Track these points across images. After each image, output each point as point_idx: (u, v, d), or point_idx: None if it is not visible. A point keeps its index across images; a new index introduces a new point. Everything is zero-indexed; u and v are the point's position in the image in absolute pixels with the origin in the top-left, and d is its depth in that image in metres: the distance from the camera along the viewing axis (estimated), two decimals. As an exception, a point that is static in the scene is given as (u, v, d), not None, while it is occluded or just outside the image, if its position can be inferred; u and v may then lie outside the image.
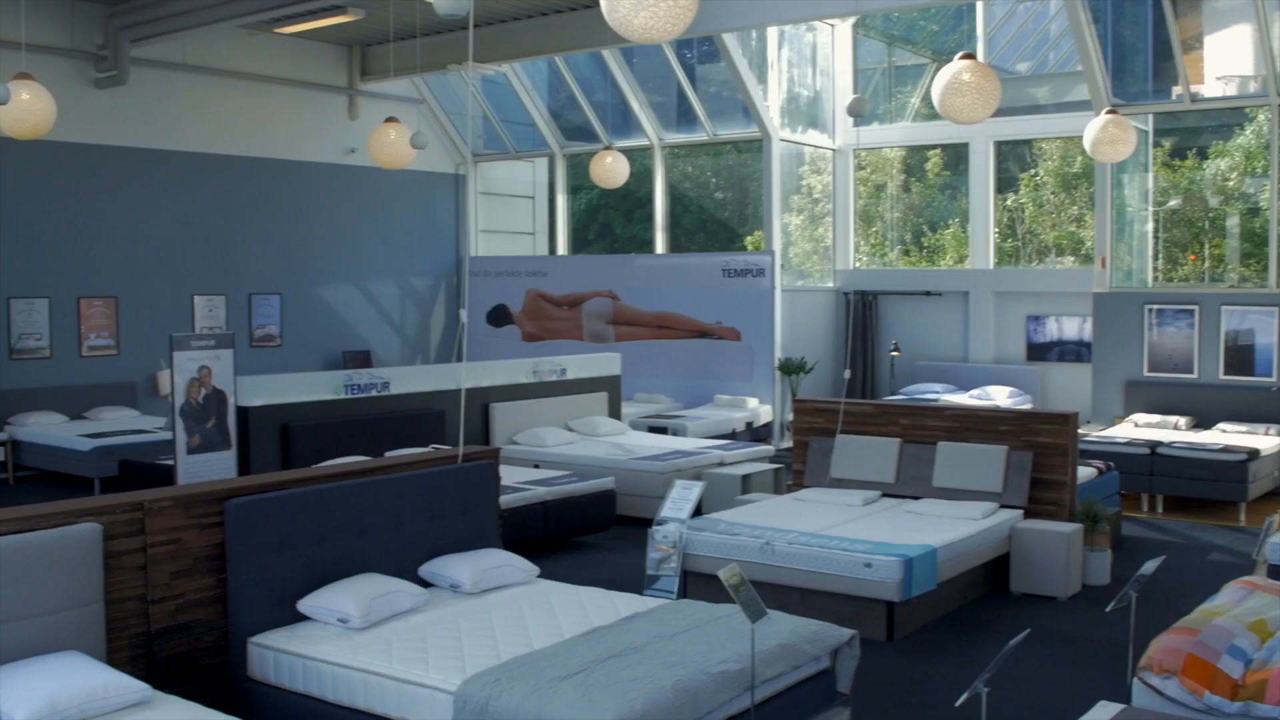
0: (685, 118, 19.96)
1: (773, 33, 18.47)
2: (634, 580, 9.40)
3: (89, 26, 16.51)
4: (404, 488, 7.22)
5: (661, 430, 15.31)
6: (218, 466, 10.39)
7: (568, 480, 11.52)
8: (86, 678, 5.19)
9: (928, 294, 18.88)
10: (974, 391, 17.39)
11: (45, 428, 15.41)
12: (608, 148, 17.76)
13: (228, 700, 6.22)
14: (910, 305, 19.10)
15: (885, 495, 10.47)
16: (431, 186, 21.34)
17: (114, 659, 5.80)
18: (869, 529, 9.13)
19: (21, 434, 15.36)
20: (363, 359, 19.57)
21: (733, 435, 16.01)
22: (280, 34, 18.22)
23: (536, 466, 12.55)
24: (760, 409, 17.20)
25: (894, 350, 18.26)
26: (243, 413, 10.91)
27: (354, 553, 6.86)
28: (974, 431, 10.41)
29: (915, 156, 20.12)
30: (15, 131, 11.85)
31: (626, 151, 18.71)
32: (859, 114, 10.94)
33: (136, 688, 5.27)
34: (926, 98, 19.22)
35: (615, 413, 14.89)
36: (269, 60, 18.66)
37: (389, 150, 14.28)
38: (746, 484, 12.18)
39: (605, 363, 15.12)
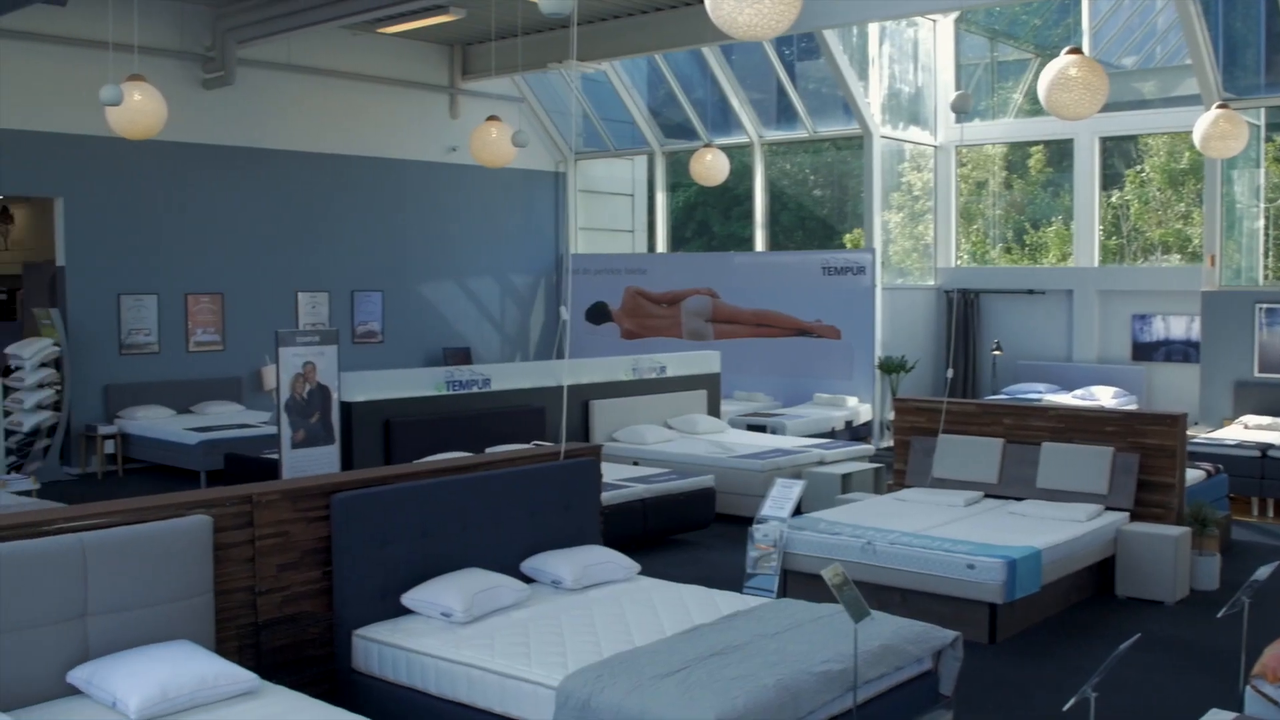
0: (784, 115, 19.88)
1: (874, 28, 18.33)
2: (733, 578, 9.38)
3: (198, 29, 16.82)
4: (506, 484, 7.27)
5: (760, 428, 15.27)
6: (321, 461, 10.52)
7: (667, 478, 11.52)
8: (197, 666, 5.28)
9: (1030, 292, 18.63)
10: (1077, 392, 17.13)
11: (153, 421, 15.73)
12: (708, 145, 17.73)
13: (332, 691, 6.30)
14: (1012, 304, 18.86)
15: (988, 496, 10.34)
16: (532, 184, 21.46)
17: (223, 649, 5.90)
18: (971, 530, 9.03)
19: (131, 427, 15.70)
20: (463, 356, 19.73)
21: (832, 434, 15.93)
22: (383, 34, 18.43)
23: (636, 464, 12.57)
24: (860, 408, 17.10)
25: (996, 349, 18.04)
26: (346, 408, 11.04)
27: (456, 547, 6.92)
28: (1079, 432, 10.25)
29: (1017, 153, 19.86)
30: (127, 132, 12.08)
31: (726, 149, 18.66)
32: (963, 110, 10.86)
33: (245, 677, 5.35)
34: (1029, 93, 18.97)
35: (715, 410, 14.87)
36: (371, 60, 18.87)
37: (491, 149, 14.36)
38: (846, 483, 12.10)
39: (705, 360, 15.10)
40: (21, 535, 5.32)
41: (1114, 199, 18.74)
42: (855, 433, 16.62)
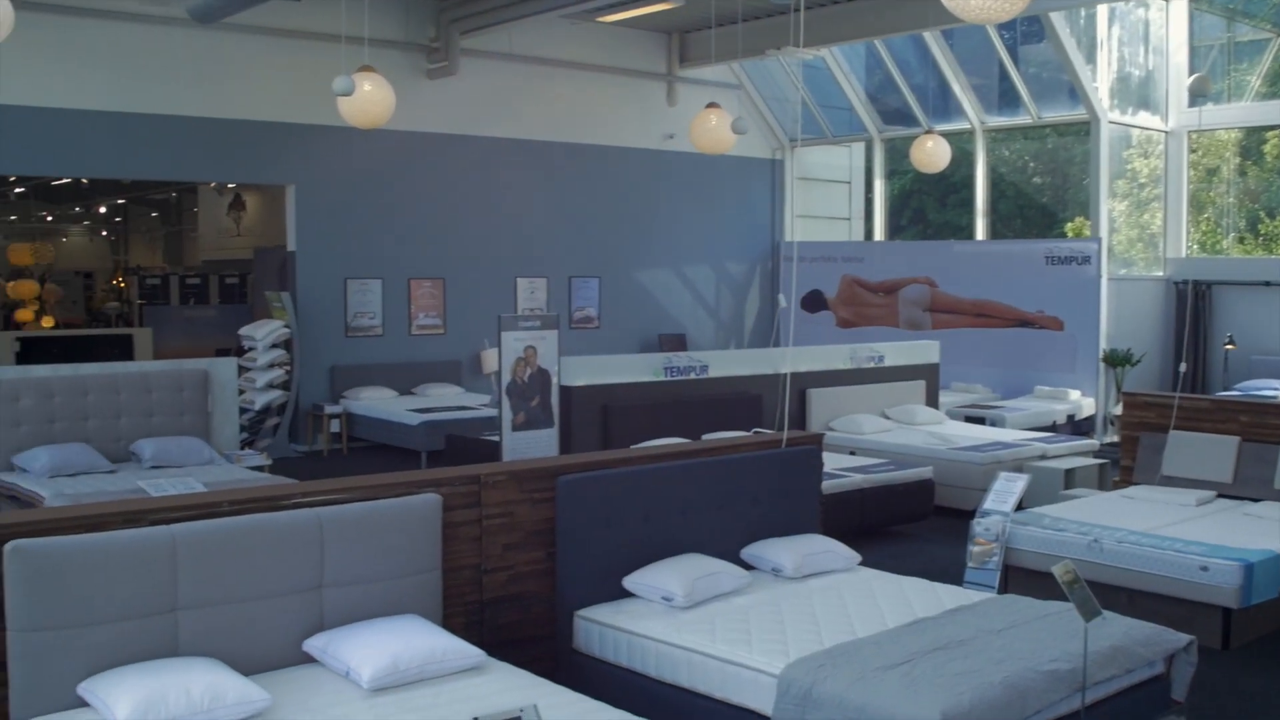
0: (1006, 100, 19.40)
1: (1102, 10, 17.73)
2: (951, 572, 9.20)
3: (422, 20, 17.22)
4: (727, 470, 7.25)
5: (979, 420, 14.96)
6: (541, 443, 10.68)
7: (885, 468, 11.38)
8: (426, 640, 5.40)
9: (1267, 284, 17.82)
10: (1317, 389, 16.34)
11: (376, 402, 16.19)
12: (928, 131, 17.42)
13: (552, 670, 6.36)
14: (1246, 296, 18.05)
15: (1221, 496, 9.91)
16: (748, 172, 21.41)
17: (449, 624, 6.02)
18: (1204, 530, 8.67)
19: (355, 407, 16.20)
20: (678, 342, 19.81)
21: (1053, 428, 15.51)
22: (601, 22, 18.58)
23: (852, 453, 12.44)
24: (1083, 402, 16.61)
25: (1228, 343, 17.31)
26: (565, 392, 11.17)
27: (677, 532, 6.93)
28: (1323, 431, 9.77)
29: (1252, 138, 19.01)
30: (357, 121, 12.43)
31: (946, 135, 18.30)
32: (1202, 94, 10.44)
33: (473, 653, 5.46)
34: (1268, 75, 18.13)
35: (933, 401, 14.62)
36: (590, 49, 19.04)
37: (710, 136, 14.37)
38: (1069, 479, 11.76)
39: (924, 350, 14.86)
40: (262, 508, 5.52)
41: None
42: (1078, 427, 16.14)
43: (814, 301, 20.11)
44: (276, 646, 5.43)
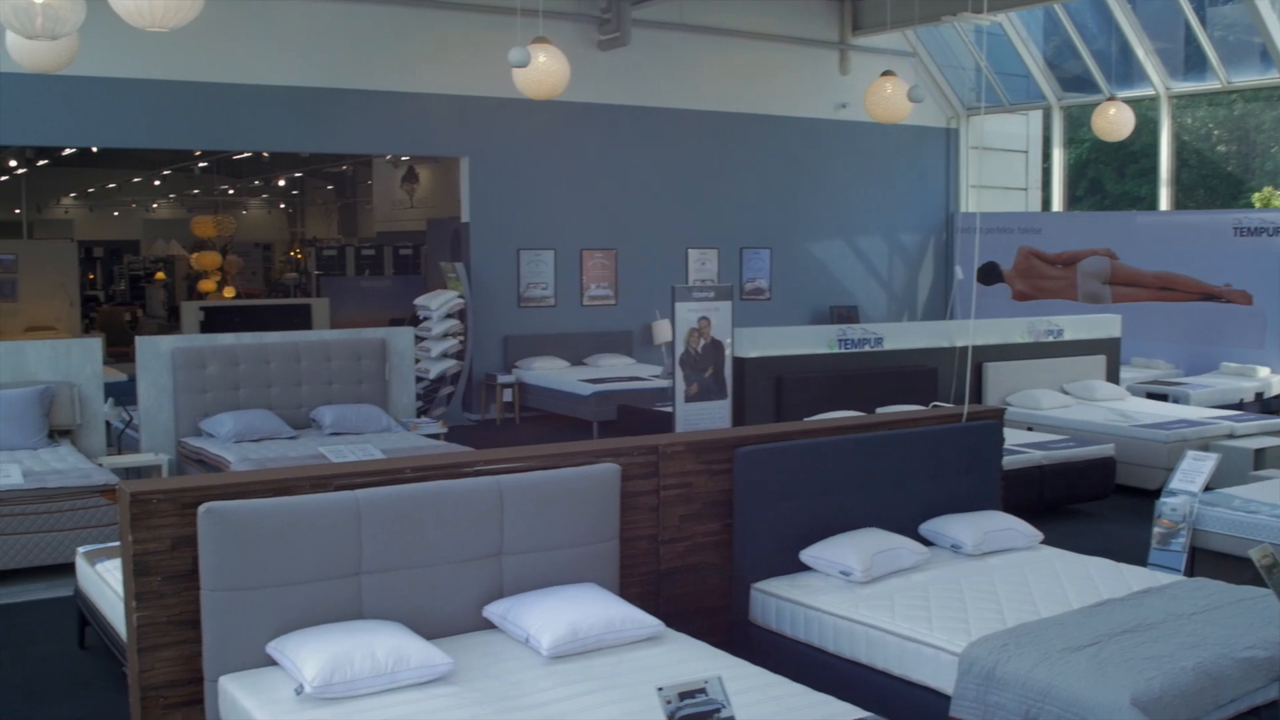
0: (1191, 64, 18.71)
1: (1301, -31, 17.01)
2: (1133, 552, 8.92)
3: (592, -9, 17.30)
4: (906, 444, 7.13)
5: (1161, 397, 14.51)
6: (714, 415, 10.64)
7: (1065, 445, 11.10)
8: (605, 609, 5.41)
9: None
10: None
11: (548, 372, 16.33)
12: (1110, 98, 16.91)
13: (728, 642, 6.33)
14: None
15: None
16: (922, 141, 21.04)
17: (626, 594, 6.03)
18: None
19: (527, 377, 16.36)
20: (850, 314, 19.61)
21: (1240, 406, 14.96)
22: (775, -10, 18.44)
23: (1030, 429, 12.17)
24: (1272, 379, 15.99)
25: None
26: (739, 363, 11.12)
27: (854, 506, 6.84)
28: None
29: None
30: (533, 92, 12.52)
31: (1127, 102, 17.72)
32: None
33: (651, 623, 5.45)
34: None
35: (1114, 377, 14.22)
36: (762, 18, 18.88)
37: (885, 104, 14.16)
38: (1259, 459, 11.33)
39: (1104, 324, 14.45)
40: (445, 475, 5.58)
41: None
42: (1266, 405, 15.54)
43: (989, 273, 19.71)
44: (457, 612, 5.50)
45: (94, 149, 21.62)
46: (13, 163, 25.57)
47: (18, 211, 29.87)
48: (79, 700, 6.62)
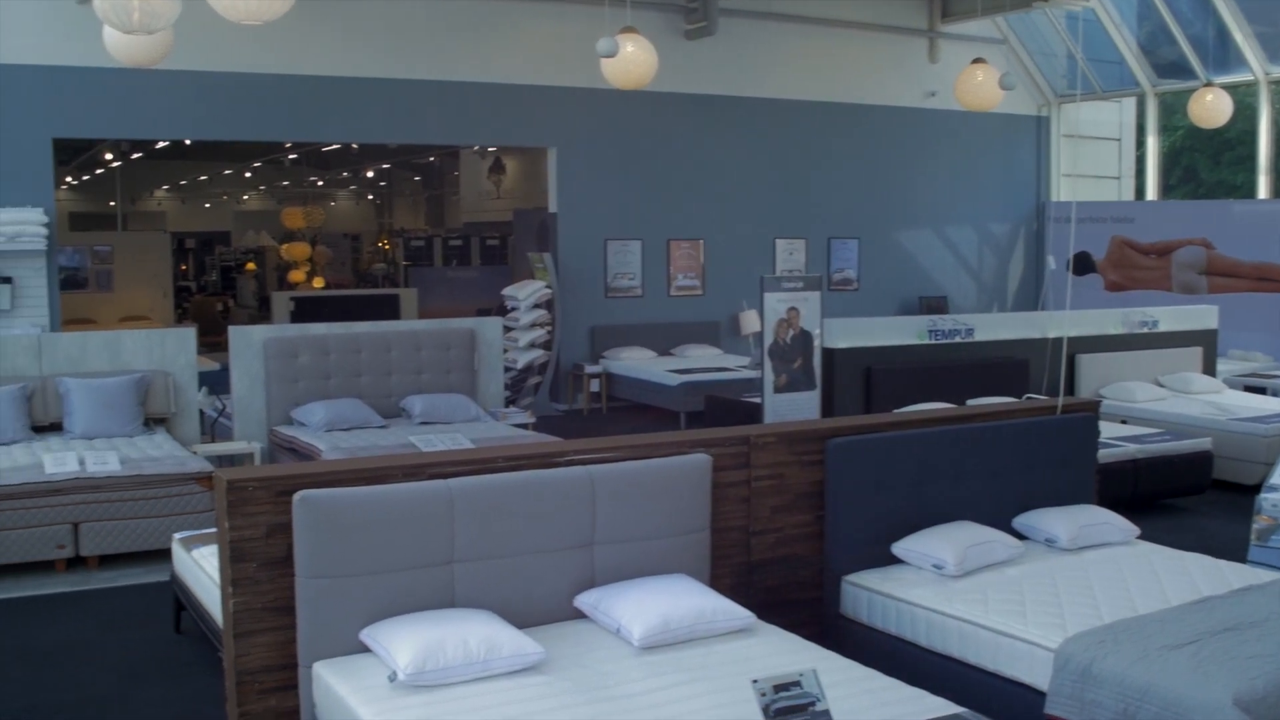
0: (1293, 48, 18.31)
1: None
2: (1231, 549, 8.73)
3: (670, -21, 17.27)
4: (1000, 437, 7.03)
5: (1260, 390, 14.21)
6: (802, 406, 10.58)
7: (1160, 439, 10.91)
8: (696, 600, 5.39)
9: None
10: None
11: (635, 362, 16.35)
12: (1207, 84, 16.58)
13: (819, 635, 6.28)
14: None
15: None
16: (1012, 129, 20.77)
17: (716, 585, 5.99)
18: None
19: (614, 367, 16.39)
20: (939, 305, 19.42)
21: (1341, 398, 14.64)
22: (863, -21, 18.30)
23: (1124, 422, 11.97)
24: (1375, 371, 15.64)
25: None
26: (828, 354, 11.06)
27: (947, 499, 6.77)
28: None
29: None
30: (620, 82, 12.51)
31: (1225, 88, 17.37)
32: None
33: (743, 614, 5.42)
34: None
35: (1210, 369, 13.95)
36: (850, 6, 18.73)
37: (976, 92, 14.01)
38: (1363, 453, 11.08)
39: (1200, 315, 14.18)
40: (537, 465, 5.60)
41: None
42: (1368, 399, 15.20)
43: (1081, 264, 19.41)
44: (548, 601, 5.50)
45: (186, 142, 21.91)
46: (108, 156, 25.98)
47: (113, 204, 30.40)
48: (175, 683, 6.72)
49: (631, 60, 12.20)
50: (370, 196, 37.08)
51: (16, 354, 10.84)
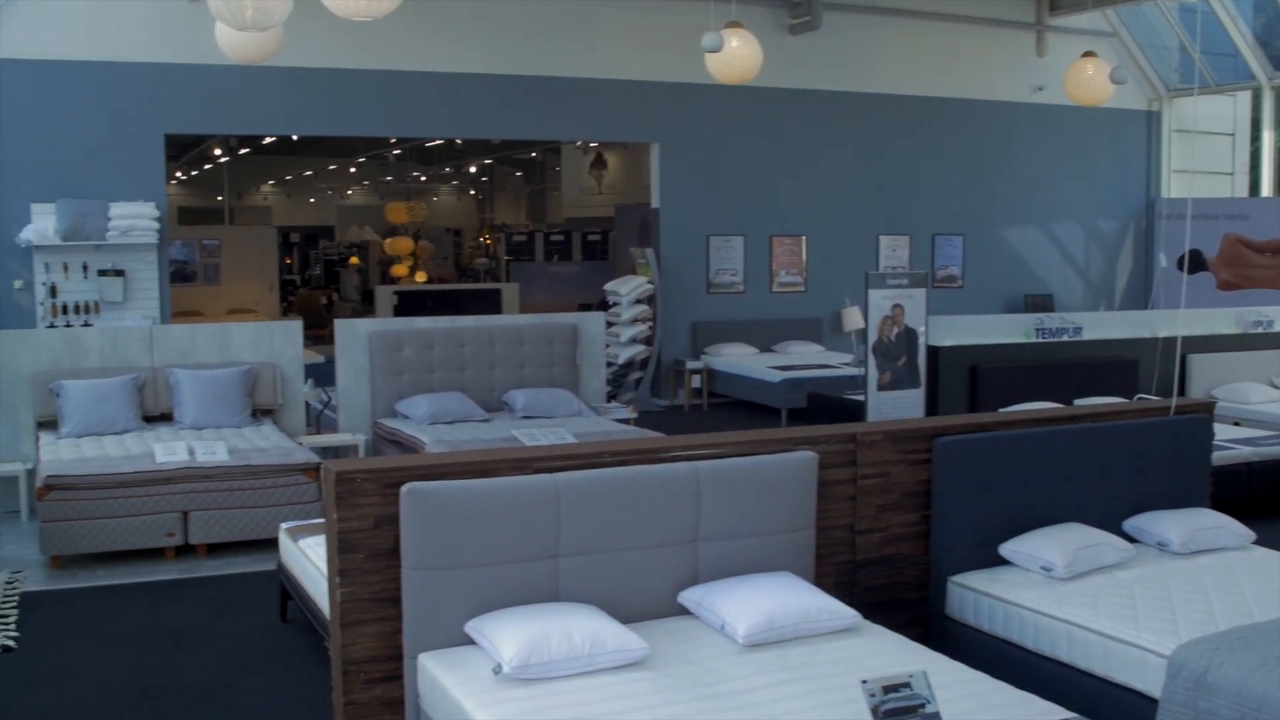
0: None
1: None
2: (1352, 555, 8.52)
3: (785, -25, 17.17)
4: (1111, 438, 6.89)
5: (1379, 392, 13.85)
6: (906, 404, 10.49)
7: (1275, 441, 10.64)
8: (801, 598, 5.34)
9: None
10: None
11: (737, 359, 16.31)
12: (1326, 79, 16.18)
13: (924, 635, 6.21)
14: None
15: None
16: (1121, 124, 20.40)
17: (820, 583, 5.94)
18: None
19: (716, 363, 16.37)
20: (1045, 303, 19.15)
21: None
22: (969, -28, 18.08)
23: (1237, 424, 11.71)
24: None
25: None
26: (932, 352, 10.94)
27: (1056, 500, 6.65)
28: None
29: None
30: (725, 77, 12.46)
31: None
32: None
33: (848, 614, 5.37)
34: None
35: (1326, 370, 13.63)
36: (956, 0, 18.53)
37: (1086, 87, 13.77)
38: None
39: (1316, 315, 13.87)
40: (642, 460, 5.58)
41: None
42: None
43: (1192, 262, 19.03)
44: (652, 597, 5.49)
45: (293, 138, 22.25)
46: (217, 151, 26.48)
47: (220, 199, 30.96)
48: (281, 671, 6.80)
49: (736, 55, 12.14)
50: (472, 191, 37.39)
51: (129, 345, 11.07)
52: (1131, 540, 6.75)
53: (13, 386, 10.72)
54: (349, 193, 35.99)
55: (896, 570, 6.32)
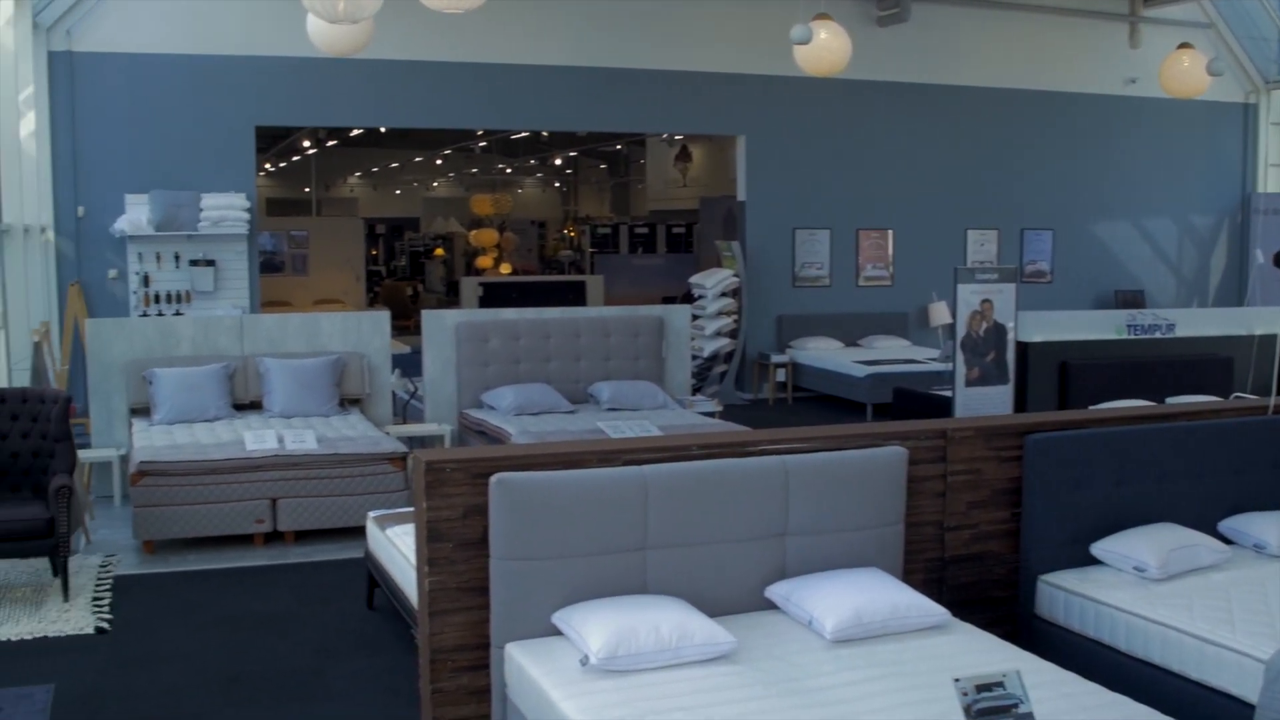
0: None
1: None
2: None
3: (873, -33, 17.05)
4: (1206, 437, 6.76)
5: None
6: (994, 400, 10.37)
7: (1375, 441, 10.42)
8: (889, 595, 5.30)
9: None
10: None
11: (822, 353, 16.22)
12: None
13: (1012, 634, 6.13)
14: None
15: None
16: (1216, 117, 20.02)
17: (909, 580, 5.89)
18: None
19: (801, 357, 16.30)
20: (1136, 299, 18.86)
21: None
22: (1061, -37, 17.84)
23: (1334, 424, 11.46)
24: None
25: None
26: (1021, 348, 10.81)
27: (1149, 500, 6.53)
28: None
29: None
30: (814, 69, 12.41)
31: None
32: None
33: (937, 611, 5.32)
34: None
35: None
36: (1048, -9, 18.32)
37: (1182, 78, 13.55)
38: None
39: None
40: (730, 454, 5.56)
41: None
42: None
43: (1287, 258, 18.67)
44: (739, 591, 5.47)
45: (380, 130, 22.42)
46: (305, 143, 26.76)
47: (307, 190, 31.29)
48: (368, 658, 6.87)
49: (825, 47, 12.09)
50: (556, 184, 37.50)
51: (220, 334, 11.23)
52: (1227, 542, 6.62)
53: (107, 374, 10.92)
54: (434, 185, 36.24)
55: (986, 568, 6.25)
